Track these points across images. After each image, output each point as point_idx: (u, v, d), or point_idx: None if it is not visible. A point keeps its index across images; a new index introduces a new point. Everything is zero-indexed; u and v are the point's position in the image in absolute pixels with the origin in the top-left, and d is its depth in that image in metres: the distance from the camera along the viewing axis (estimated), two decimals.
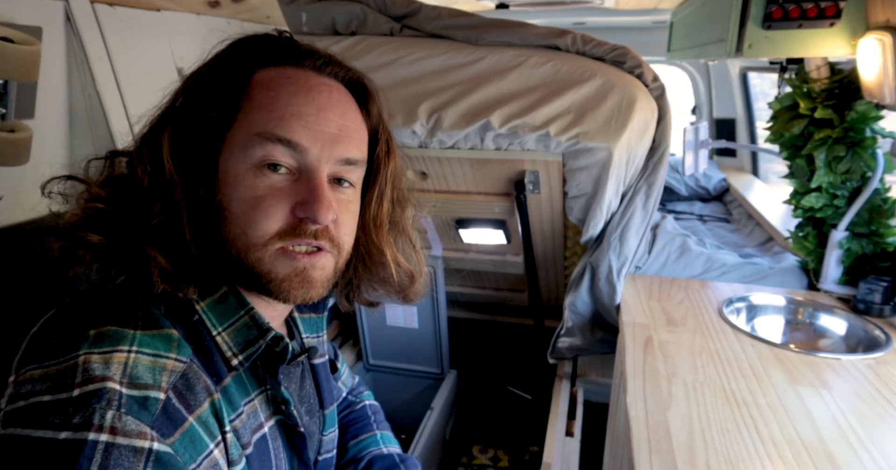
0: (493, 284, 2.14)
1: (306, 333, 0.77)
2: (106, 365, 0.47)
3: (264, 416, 0.62)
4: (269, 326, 0.60)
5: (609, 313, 1.54)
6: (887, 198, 1.40)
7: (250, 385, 0.61)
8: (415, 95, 1.37)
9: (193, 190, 0.56)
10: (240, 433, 0.57)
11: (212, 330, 0.58)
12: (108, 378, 0.47)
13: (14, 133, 1.01)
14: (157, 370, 0.50)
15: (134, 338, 0.51)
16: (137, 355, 0.50)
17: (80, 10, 1.20)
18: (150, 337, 0.52)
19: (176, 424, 0.49)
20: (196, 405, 0.52)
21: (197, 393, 0.52)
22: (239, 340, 0.59)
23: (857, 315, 1.35)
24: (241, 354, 0.59)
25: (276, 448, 0.63)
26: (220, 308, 0.59)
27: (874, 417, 0.95)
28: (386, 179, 0.69)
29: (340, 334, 2.23)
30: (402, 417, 2.17)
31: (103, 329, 0.50)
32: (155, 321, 0.53)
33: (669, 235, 1.62)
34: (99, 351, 0.48)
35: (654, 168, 1.44)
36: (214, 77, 0.59)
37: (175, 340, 0.53)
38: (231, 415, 0.56)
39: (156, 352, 0.51)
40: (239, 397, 0.59)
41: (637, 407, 0.98)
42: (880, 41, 1.10)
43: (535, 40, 1.38)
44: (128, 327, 0.51)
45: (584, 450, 1.38)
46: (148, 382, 0.49)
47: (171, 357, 0.52)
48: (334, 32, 1.52)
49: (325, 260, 0.60)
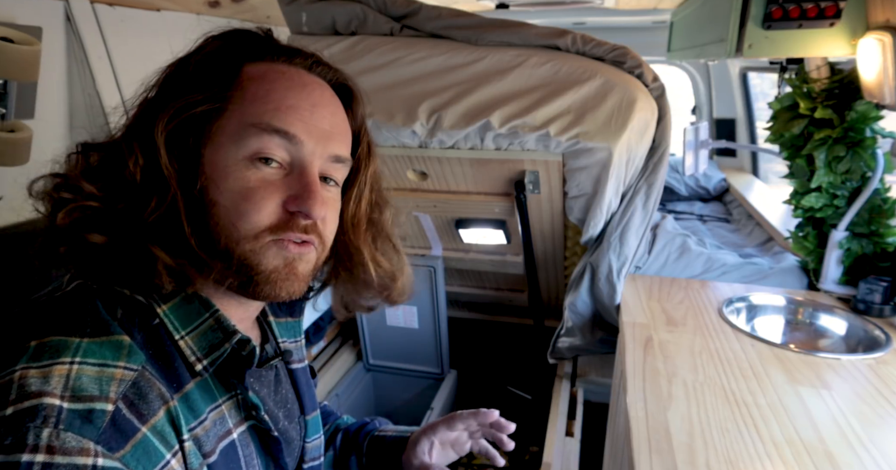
0: (493, 284, 2.14)
1: (283, 337, 0.75)
2: (45, 379, 0.45)
3: (234, 421, 0.60)
4: (235, 329, 0.58)
5: (609, 313, 1.54)
6: (887, 198, 1.40)
7: (217, 391, 0.59)
8: (415, 95, 1.37)
9: (185, 182, 0.55)
10: (201, 441, 0.55)
11: (174, 334, 0.55)
12: (46, 393, 0.44)
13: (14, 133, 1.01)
14: (103, 380, 0.47)
15: (79, 347, 0.48)
16: (81, 366, 0.47)
17: (80, 10, 1.20)
18: (98, 345, 0.49)
19: (127, 435, 0.46)
20: (150, 414, 0.49)
21: (150, 402, 0.49)
22: (203, 344, 0.56)
23: (857, 315, 1.35)
24: (205, 358, 0.56)
25: (248, 455, 0.61)
26: (183, 311, 0.57)
27: (874, 417, 0.95)
28: (365, 180, 0.69)
29: (340, 334, 2.23)
30: (402, 417, 2.17)
31: (45, 340, 0.47)
32: (105, 328, 0.50)
33: (669, 235, 1.62)
34: (37, 365, 0.46)
35: (654, 168, 1.44)
36: (204, 67, 0.59)
37: (125, 346, 0.50)
38: (192, 422, 0.54)
39: (102, 361, 0.48)
40: (203, 404, 0.56)
41: (637, 407, 0.98)
42: (880, 41, 1.10)
43: (535, 40, 1.38)
44: (73, 336, 0.48)
45: (584, 450, 1.38)
46: (93, 393, 0.46)
47: (119, 365, 0.49)
48: (334, 32, 1.52)
49: (311, 254, 0.60)
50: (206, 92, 0.57)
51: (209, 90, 0.57)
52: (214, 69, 0.58)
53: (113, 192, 0.54)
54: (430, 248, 1.96)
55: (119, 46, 1.26)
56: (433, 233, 1.89)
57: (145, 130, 0.55)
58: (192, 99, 0.56)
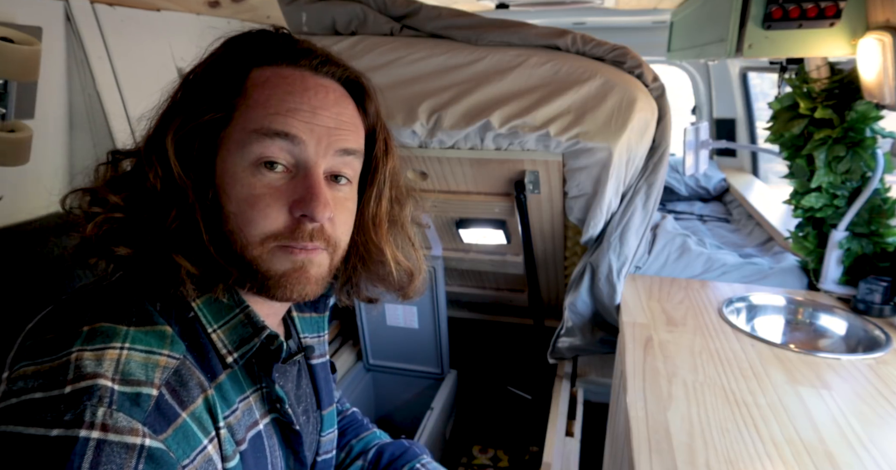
0: (493, 284, 2.14)
1: (305, 332, 0.76)
2: (98, 362, 0.48)
3: (259, 413, 0.62)
4: (264, 325, 0.60)
5: (609, 313, 1.54)
6: (887, 198, 1.40)
7: (245, 383, 0.61)
8: (415, 95, 1.37)
9: (202, 191, 0.57)
10: (234, 429, 0.57)
11: (207, 327, 0.57)
12: (100, 375, 0.47)
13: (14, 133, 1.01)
14: (149, 367, 0.50)
15: (127, 334, 0.51)
16: (130, 352, 0.50)
17: (80, 10, 1.20)
18: (144, 333, 0.52)
19: (169, 420, 0.49)
20: (189, 401, 0.52)
21: (190, 389, 0.52)
22: (234, 337, 0.58)
23: (857, 315, 1.35)
24: (235, 351, 0.58)
25: (272, 446, 0.63)
26: (216, 306, 0.58)
27: (874, 417, 0.95)
28: (385, 178, 0.70)
29: (340, 334, 2.23)
30: (402, 417, 2.17)
31: (96, 326, 0.50)
32: (149, 318, 0.53)
33: (669, 235, 1.62)
34: (91, 348, 0.48)
35: (654, 168, 1.44)
36: (211, 76, 0.59)
37: (168, 336, 0.53)
38: (225, 411, 0.56)
39: (149, 348, 0.51)
40: (234, 394, 0.59)
41: (637, 407, 0.98)
42: (880, 41, 1.10)
43: (535, 40, 1.38)
44: (121, 324, 0.51)
45: (584, 450, 1.38)
46: (140, 378, 0.49)
47: (164, 353, 0.52)
48: (334, 32, 1.52)
49: (322, 257, 0.60)
50: (212, 101, 0.58)
51: (214, 99, 0.58)
52: (221, 77, 0.59)
53: (137, 202, 0.56)
54: (430, 248, 1.96)
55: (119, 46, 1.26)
56: (433, 233, 1.89)
57: (159, 141, 0.57)
58: (199, 109, 0.57)
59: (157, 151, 0.56)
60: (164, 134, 0.57)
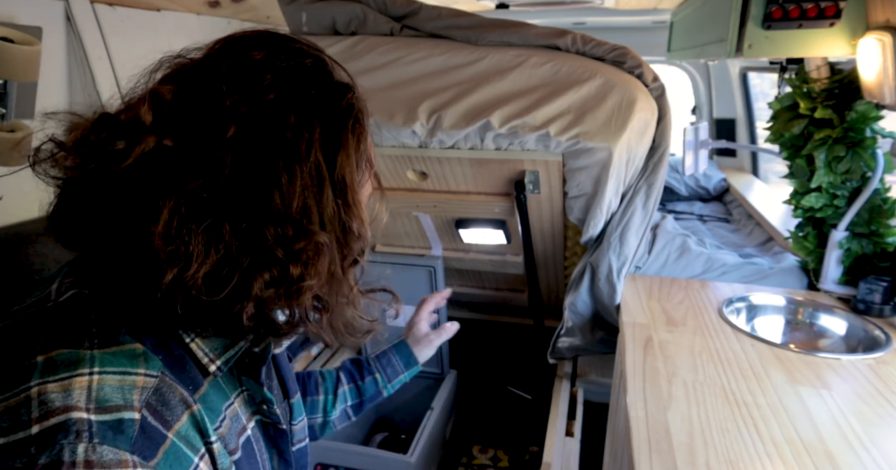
0: (493, 284, 2.14)
1: None
2: (66, 392, 0.42)
3: (245, 417, 0.60)
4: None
5: (609, 313, 1.54)
6: (887, 198, 1.40)
7: (228, 388, 0.59)
8: (415, 95, 1.37)
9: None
10: (226, 440, 0.54)
11: (184, 337, 0.53)
12: (72, 407, 0.42)
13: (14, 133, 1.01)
14: (125, 389, 0.45)
15: (93, 358, 0.45)
16: (101, 376, 0.44)
17: (80, 10, 1.20)
18: (112, 355, 0.46)
19: (157, 443, 0.45)
20: (174, 420, 0.48)
21: (173, 407, 0.48)
22: (215, 344, 0.55)
23: (857, 315, 1.35)
24: (218, 358, 0.55)
25: (260, 449, 0.62)
26: None
27: (874, 417, 0.95)
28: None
29: None
30: (402, 417, 2.17)
31: (53, 353, 0.45)
32: (112, 337, 0.48)
33: (669, 235, 1.62)
34: (55, 378, 0.43)
35: (654, 168, 1.44)
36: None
37: (140, 353, 0.48)
38: (214, 423, 0.54)
39: (122, 369, 0.46)
40: (219, 402, 0.56)
41: (637, 407, 0.98)
42: (880, 41, 1.10)
43: (535, 40, 1.38)
44: (81, 348, 0.45)
45: (584, 450, 1.38)
46: (118, 403, 0.44)
47: (140, 373, 0.47)
48: (334, 32, 1.52)
49: None
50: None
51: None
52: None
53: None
54: (430, 248, 1.96)
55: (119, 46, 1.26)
56: (433, 233, 1.89)
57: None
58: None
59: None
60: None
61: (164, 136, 0.48)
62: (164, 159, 0.48)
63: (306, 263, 0.50)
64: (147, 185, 0.47)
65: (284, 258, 0.49)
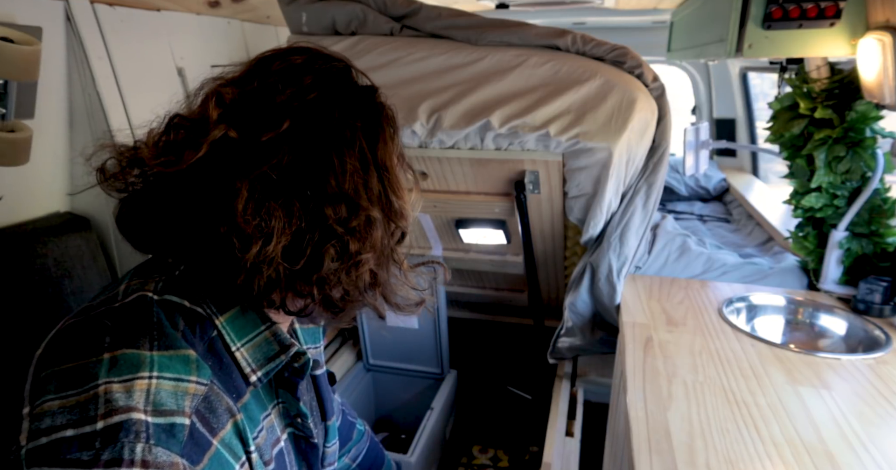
0: (493, 284, 2.14)
1: (307, 343, 0.77)
2: (128, 394, 0.45)
3: (279, 429, 0.62)
4: (291, 342, 0.59)
5: (609, 313, 1.54)
6: (887, 198, 1.40)
7: (267, 399, 0.61)
8: (415, 95, 1.37)
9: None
10: (262, 450, 0.56)
11: (231, 346, 0.56)
12: (133, 408, 0.45)
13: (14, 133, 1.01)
14: (179, 395, 0.48)
15: (153, 361, 0.48)
16: (160, 381, 0.48)
17: (80, 10, 1.20)
18: (169, 359, 0.49)
19: (203, 449, 0.48)
20: (219, 428, 0.51)
21: (219, 415, 0.51)
22: (258, 355, 0.57)
23: (857, 315, 1.35)
24: (259, 369, 0.57)
25: (290, 461, 0.63)
26: (240, 322, 0.57)
27: (874, 417, 0.95)
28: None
29: (340, 334, 2.23)
30: (402, 417, 2.17)
31: (118, 352, 0.48)
32: (172, 341, 0.51)
33: (669, 235, 1.62)
34: (119, 379, 0.46)
35: (654, 168, 1.44)
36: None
37: (193, 361, 0.51)
38: (253, 432, 0.56)
39: (177, 375, 0.49)
40: (258, 412, 0.58)
41: (637, 407, 0.98)
42: (880, 41, 1.10)
43: (535, 40, 1.38)
44: (143, 349, 0.49)
45: (584, 450, 1.38)
46: (172, 408, 0.47)
47: (192, 380, 0.50)
48: (334, 32, 1.52)
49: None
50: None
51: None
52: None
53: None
54: (431, 248, 1.96)
55: (119, 46, 1.26)
56: (433, 233, 1.89)
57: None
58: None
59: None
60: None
61: (229, 128, 0.52)
62: (232, 149, 0.52)
63: (362, 238, 0.55)
64: (221, 170, 0.51)
65: (344, 234, 0.54)
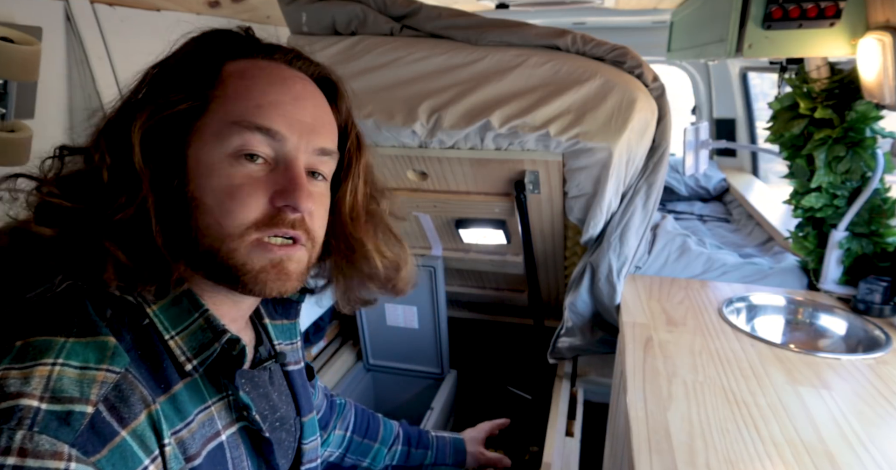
0: (493, 284, 2.14)
1: (278, 339, 0.76)
2: (25, 380, 0.45)
3: (223, 423, 0.60)
4: (225, 329, 0.58)
5: (609, 313, 1.54)
6: (887, 198, 1.39)
7: (208, 392, 0.59)
8: (415, 95, 1.37)
9: (162, 182, 0.55)
10: (186, 444, 0.54)
11: (164, 334, 0.55)
12: (25, 394, 0.44)
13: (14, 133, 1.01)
14: (85, 382, 0.47)
15: (62, 348, 0.47)
16: (63, 368, 0.46)
17: (80, 10, 1.20)
18: (83, 346, 0.48)
19: (105, 439, 0.46)
20: (131, 418, 0.49)
21: (132, 405, 0.49)
22: (192, 343, 0.56)
23: (857, 315, 1.35)
24: (195, 358, 0.56)
25: (238, 456, 0.61)
26: (174, 311, 0.56)
27: (874, 417, 0.95)
28: (359, 173, 0.70)
29: (340, 334, 2.23)
30: (402, 417, 2.16)
31: (31, 340, 0.47)
32: (92, 328, 0.50)
33: (669, 235, 1.62)
34: (20, 366, 0.45)
35: (654, 168, 1.44)
36: (184, 67, 0.59)
37: (110, 348, 0.50)
38: (177, 425, 0.54)
39: (84, 363, 0.48)
40: (191, 405, 0.56)
41: (637, 407, 0.98)
42: (880, 41, 1.10)
43: (535, 40, 1.38)
44: (59, 336, 0.48)
45: (584, 450, 1.38)
46: (74, 395, 0.46)
47: (102, 368, 0.48)
48: (334, 32, 1.52)
49: (300, 253, 0.60)
50: (187, 91, 0.57)
51: (189, 89, 0.57)
52: (195, 68, 0.58)
53: (78, 190, 0.53)
54: (430, 248, 1.96)
55: (119, 46, 1.26)
56: (433, 233, 1.89)
57: (121, 131, 0.55)
58: (172, 98, 0.56)
59: (114, 140, 0.54)
60: (129, 124, 0.54)
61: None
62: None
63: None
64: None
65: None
